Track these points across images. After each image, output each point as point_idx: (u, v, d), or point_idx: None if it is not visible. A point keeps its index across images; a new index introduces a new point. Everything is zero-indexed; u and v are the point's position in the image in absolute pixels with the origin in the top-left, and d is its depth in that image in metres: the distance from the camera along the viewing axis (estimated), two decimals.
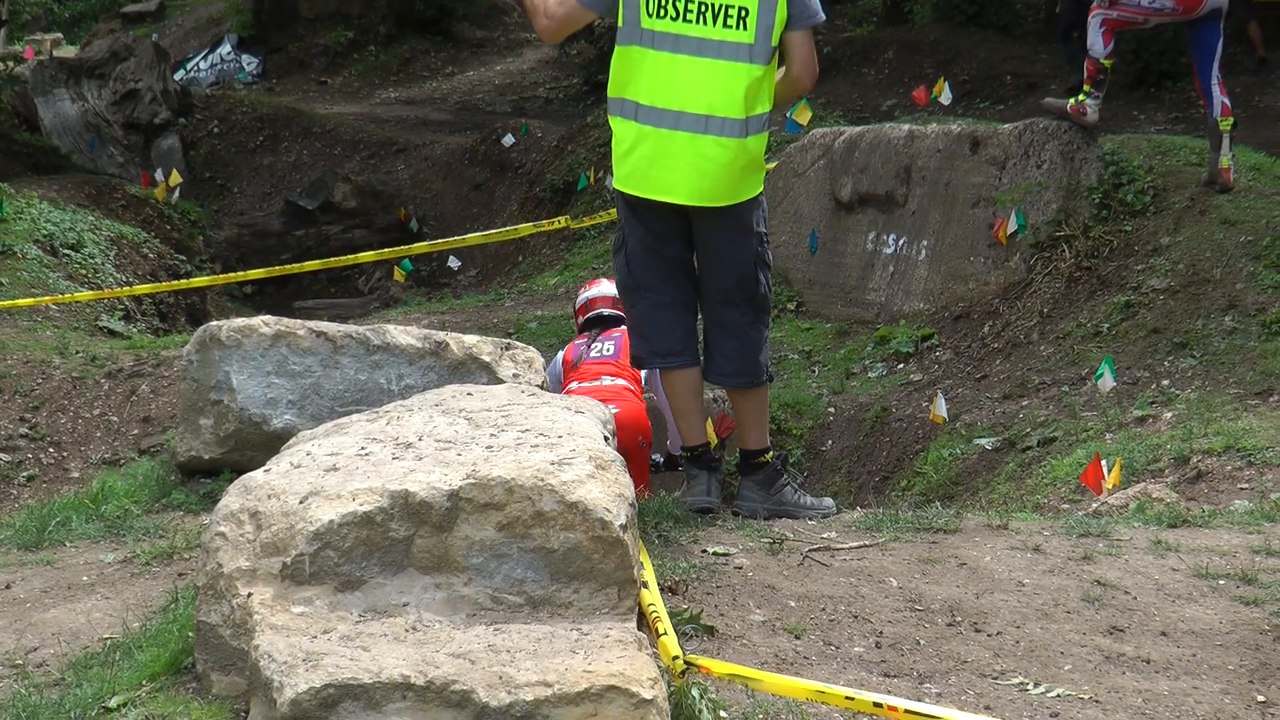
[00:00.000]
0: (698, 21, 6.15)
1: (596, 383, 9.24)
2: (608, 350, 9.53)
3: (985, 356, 11.46)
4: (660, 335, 6.53)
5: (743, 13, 6.14)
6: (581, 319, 10.09)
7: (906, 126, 13.70)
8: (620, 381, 9.27)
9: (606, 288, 10.00)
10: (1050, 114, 12.51)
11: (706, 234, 6.38)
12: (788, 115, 13.77)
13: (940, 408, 10.23)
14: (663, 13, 6.17)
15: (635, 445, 8.85)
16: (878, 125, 14.61)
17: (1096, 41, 11.74)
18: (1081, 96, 12.04)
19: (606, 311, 9.83)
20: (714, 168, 6.18)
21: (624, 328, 8.84)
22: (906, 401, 11.18)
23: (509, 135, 21.78)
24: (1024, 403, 10.33)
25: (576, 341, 9.85)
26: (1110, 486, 7.52)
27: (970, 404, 10.73)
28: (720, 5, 6.14)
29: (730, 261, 6.40)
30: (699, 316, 6.61)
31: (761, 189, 6.44)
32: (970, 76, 21.94)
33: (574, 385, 9.31)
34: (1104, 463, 7.53)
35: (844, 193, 13.57)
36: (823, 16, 6.38)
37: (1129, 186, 11.99)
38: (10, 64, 27.77)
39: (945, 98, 14.32)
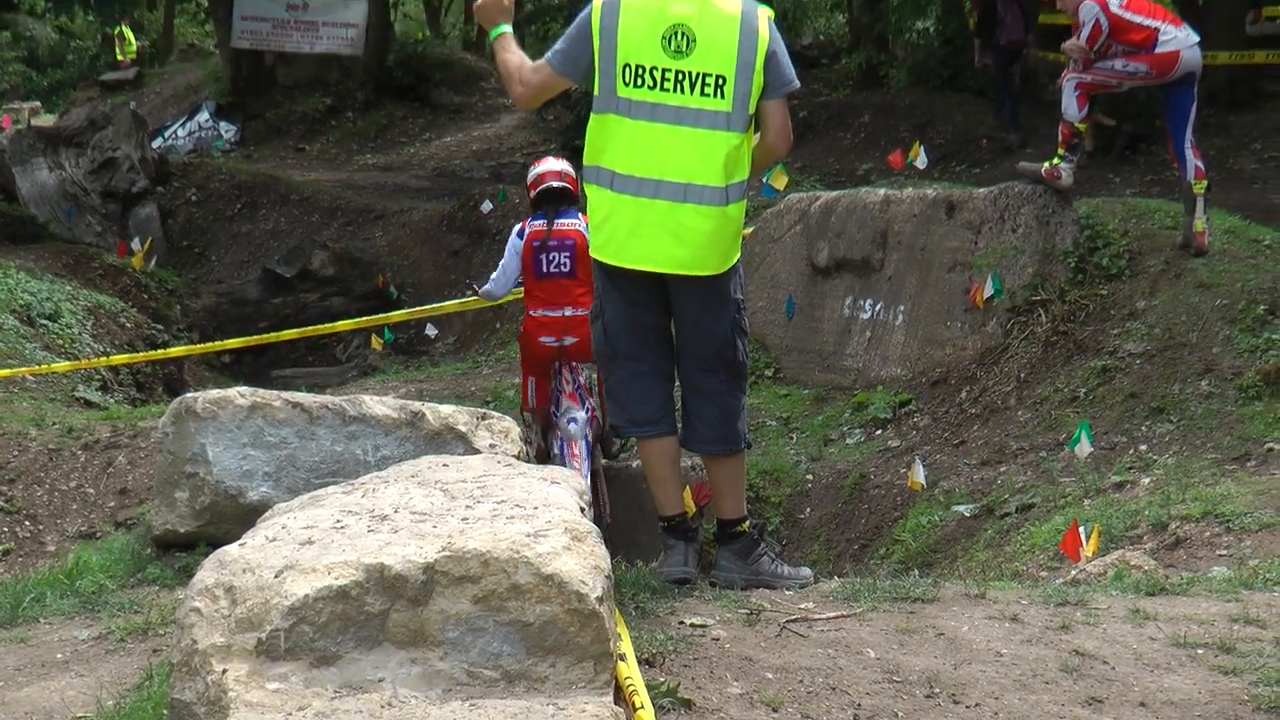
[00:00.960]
0: (675, 90, 6.17)
1: (560, 313, 10.52)
2: (564, 266, 10.59)
3: (963, 422, 11.47)
4: (638, 403, 6.53)
5: (720, 81, 6.17)
6: (533, 194, 10.95)
7: (882, 191, 13.75)
8: (581, 312, 10.21)
9: (553, 163, 11.11)
10: (1025, 178, 12.56)
11: (684, 302, 6.39)
12: (764, 180, 13.84)
13: (918, 474, 10.23)
14: (639, 81, 6.19)
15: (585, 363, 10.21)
16: (854, 190, 14.66)
17: (1071, 105, 11.82)
18: (1056, 160, 12.11)
19: (555, 185, 10.82)
20: (694, 236, 6.19)
21: (575, 227, 10.59)
22: (885, 468, 11.18)
23: (486, 201, 21.80)
24: (1002, 469, 10.34)
25: (536, 232, 10.75)
26: (1089, 554, 7.52)
27: (948, 470, 10.74)
28: (697, 74, 6.16)
29: (708, 329, 6.41)
30: (676, 384, 6.62)
31: (739, 256, 6.46)
32: (946, 140, 22.06)
33: (540, 312, 10.62)
34: (1082, 529, 7.54)
35: (820, 258, 13.60)
36: (798, 84, 6.42)
37: (1104, 250, 12.04)
38: None
39: (921, 162, 14.40)
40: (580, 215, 10.60)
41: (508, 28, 6.67)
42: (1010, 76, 22.44)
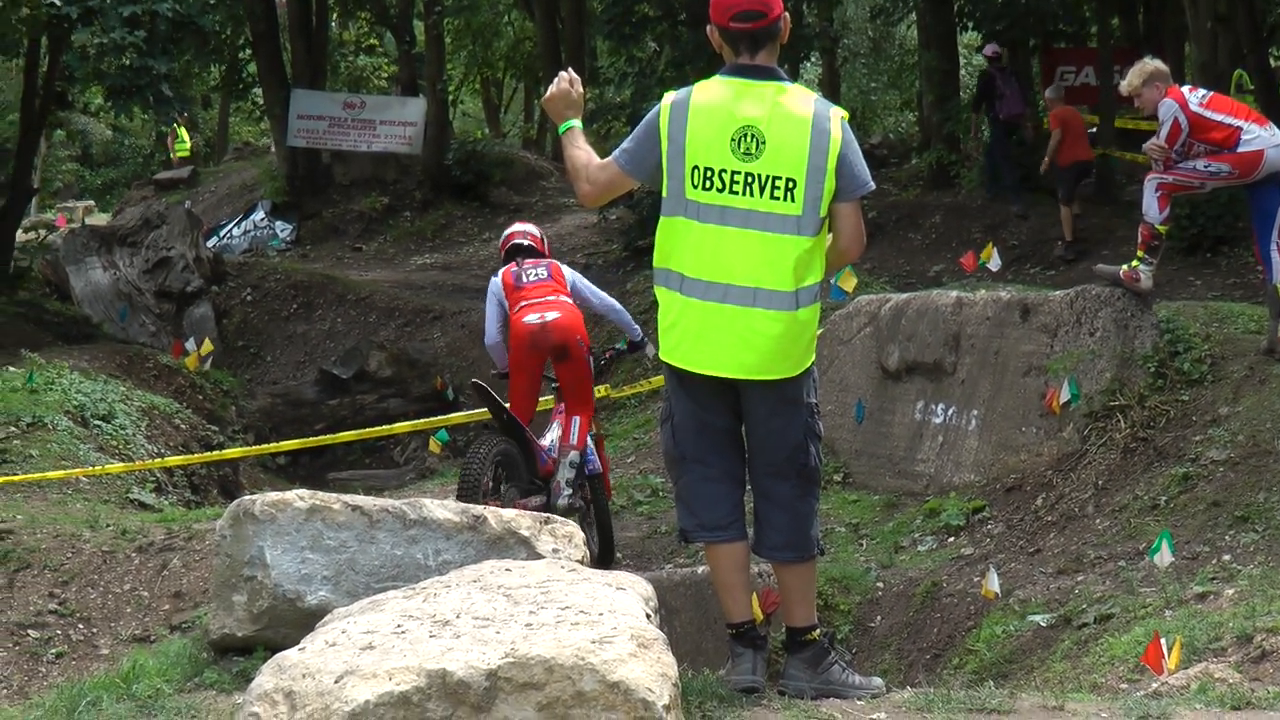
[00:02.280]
0: (744, 193, 6.18)
1: (543, 299, 11.82)
2: (541, 274, 12.04)
3: (1039, 530, 11.42)
4: (706, 509, 6.54)
5: (790, 184, 6.17)
6: (503, 252, 12.57)
7: (954, 293, 13.76)
8: (563, 298, 11.90)
9: (519, 226, 12.80)
10: (1103, 280, 12.55)
11: (755, 407, 6.40)
12: (833, 282, 13.88)
13: (993, 583, 10.18)
14: (708, 184, 6.21)
15: (575, 344, 11.71)
16: (925, 292, 14.69)
17: (1151, 206, 11.82)
18: (1135, 263, 12.10)
19: (523, 242, 12.42)
20: (763, 341, 6.20)
21: (545, 259, 12.30)
22: (958, 576, 11.13)
23: None
24: (1079, 578, 10.28)
25: (509, 268, 12.18)
26: (1171, 666, 7.47)
27: (1024, 579, 10.68)
28: (767, 177, 6.18)
29: (780, 434, 6.41)
30: (747, 488, 6.62)
31: (813, 360, 6.46)
32: (1019, 242, 22.08)
33: (524, 303, 11.82)
34: (1164, 641, 7.49)
35: (891, 361, 13.62)
36: (872, 186, 6.42)
37: (1185, 355, 12.01)
38: (42, 233, 28.25)
39: (994, 264, 14.40)
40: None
41: (577, 122, 6.73)
42: (1009, 149, 23.91)
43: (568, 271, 12.29)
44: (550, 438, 11.98)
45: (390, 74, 44.73)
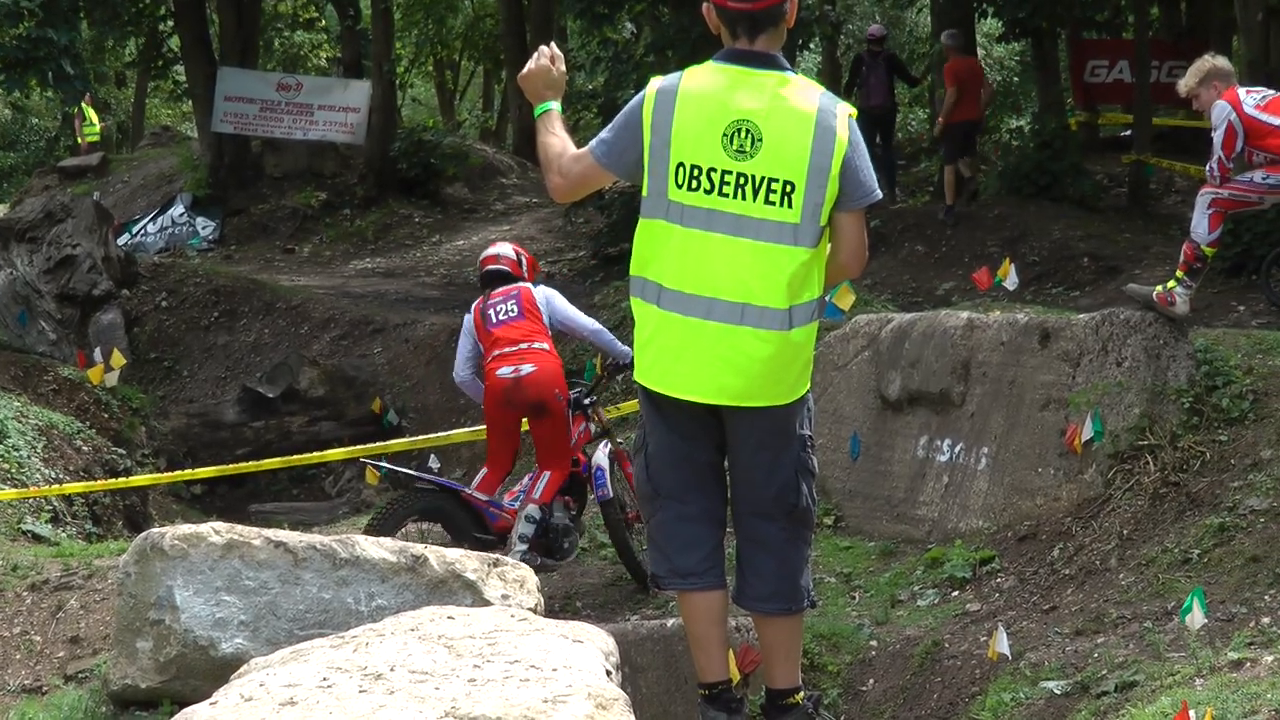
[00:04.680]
0: (735, 196, 6.18)
1: (516, 348, 12.09)
2: (511, 312, 12.30)
3: (1055, 585, 11.45)
4: (681, 552, 6.55)
5: (788, 188, 6.17)
6: (478, 277, 13.00)
7: (965, 314, 13.78)
8: (538, 345, 12.13)
9: (497, 248, 13.01)
10: (1134, 303, 12.58)
11: (740, 438, 6.41)
12: (827, 299, 13.90)
13: (1001, 644, 10.20)
14: (694, 184, 6.20)
15: (552, 399, 12.01)
16: (932, 312, 14.71)
17: (1201, 224, 11.84)
18: (1172, 284, 12.13)
19: (493, 268, 12.71)
20: (751, 364, 6.20)
21: (517, 285, 12.48)
22: (962, 635, 11.16)
23: None
24: (1099, 640, 10.31)
25: (478, 304, 12.57)
26: None
27: (1037, 640, 10.71)
28: (762, 178, 6.17)
29: (768, 470, 6.42)
30: (729, 530, 6.63)
31: (809, 387, 6.47)
32: (1041, 257, 22.15)
33: (496, 353, 12.14)
34: (1193, 713, 7.52)
35: (891, 390, 13.65)
36: (879, 195, 6.43)
37: (1224, 390, 12.05)
38: None
39: (1011, 282, 14.44)
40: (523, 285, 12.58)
41: (555, 105, 6.73)
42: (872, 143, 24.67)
43: (541, 294, 12.55)
44: (516, 489, 12.41)
45: (331, 53, 44.78)
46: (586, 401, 12.74)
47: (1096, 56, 29.23)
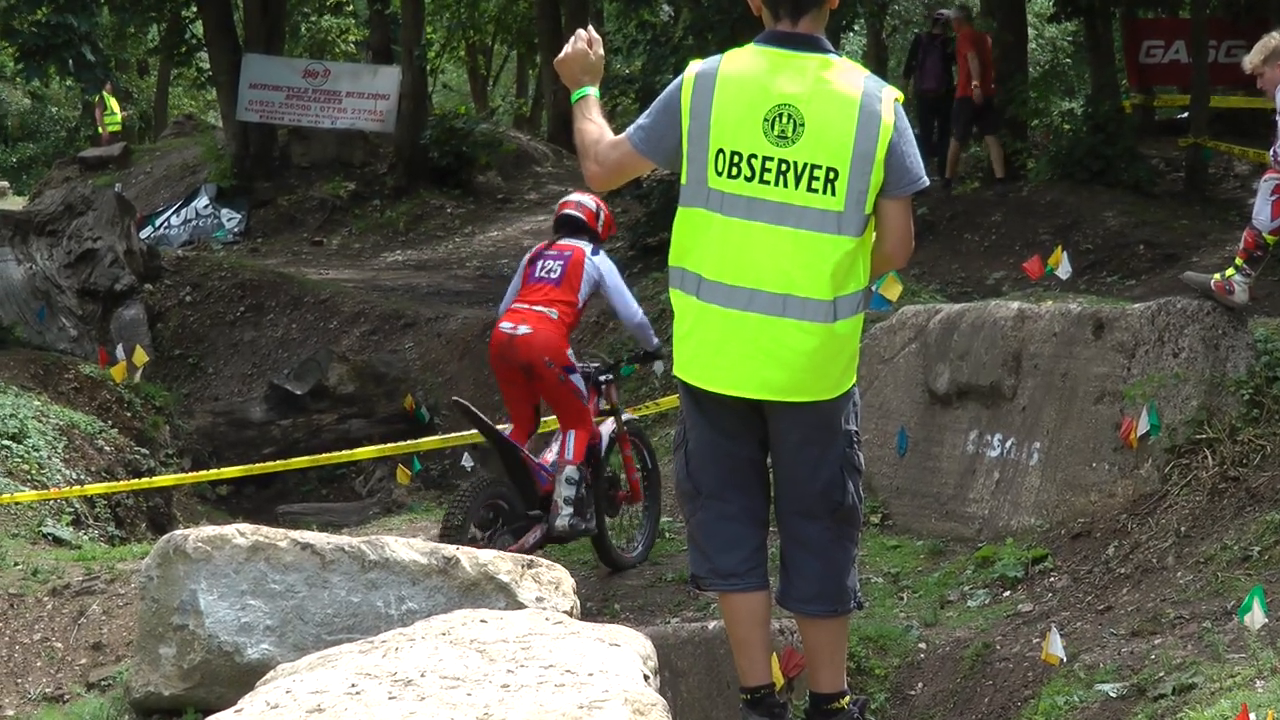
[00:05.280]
0: (776, 183, 6.16)
1: (528, 306, 12.30)
2: (554, 273, 12.42)
3: (1110, 584, 11.43)
4: (721, 552, 6.54)
5: (831, 175, 6.15)
6: (554, 221, 13.09)
7: (1016, 305, 13.75)
8: (547, 311, 12.21)
9: (575, 196, 13.07)
10: (1190, 291, 12.53)
11: (783, 434, 6.39)
12: (874, 289, 13.87)
13: (1055, 645, 10.18)
14: (735, 171, 6.19)
15: (541, 364, 12.08)
16: (981, 303, 14.68)
17: (1264, 210, 11.77)
18: (1231, 271, 12.06)
19: (568, 213, 12.84)
20: (794, 357, 6.18)
21: (574, 245, 12.51)
22: (1014, 637, 11.13)
23: None
24: (1156, 641, 10.28)
25: (536, 250, 12.86)
26: None
27: (1091, 641, 10.68)
28: (804, 165, 6.15)
29: (812, 467, 6.41)
30: (772, 529, 6.62)
31: (855, 381, 6.45)
32: (1094, 245, 22.08)
33: (513, 306, 12.48)
34: (1253, 716, 7.50)
35: (940, 383, 13.62)
36: (926, 182, 6.40)
37: None
38: None
39: (1064, 271, 14.39)
40: (590, 241, 12.68)
41: (593, 90, 6.73)
42: (928, 127, 25.91)
43: (595, 266, 12.60)
44: (550, 455, 12.51)
45: (359, 38, 44.84)
46: (602, 379, 12.90)
47: (1152, 36, 29.12)
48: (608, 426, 12.85)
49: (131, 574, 11.65)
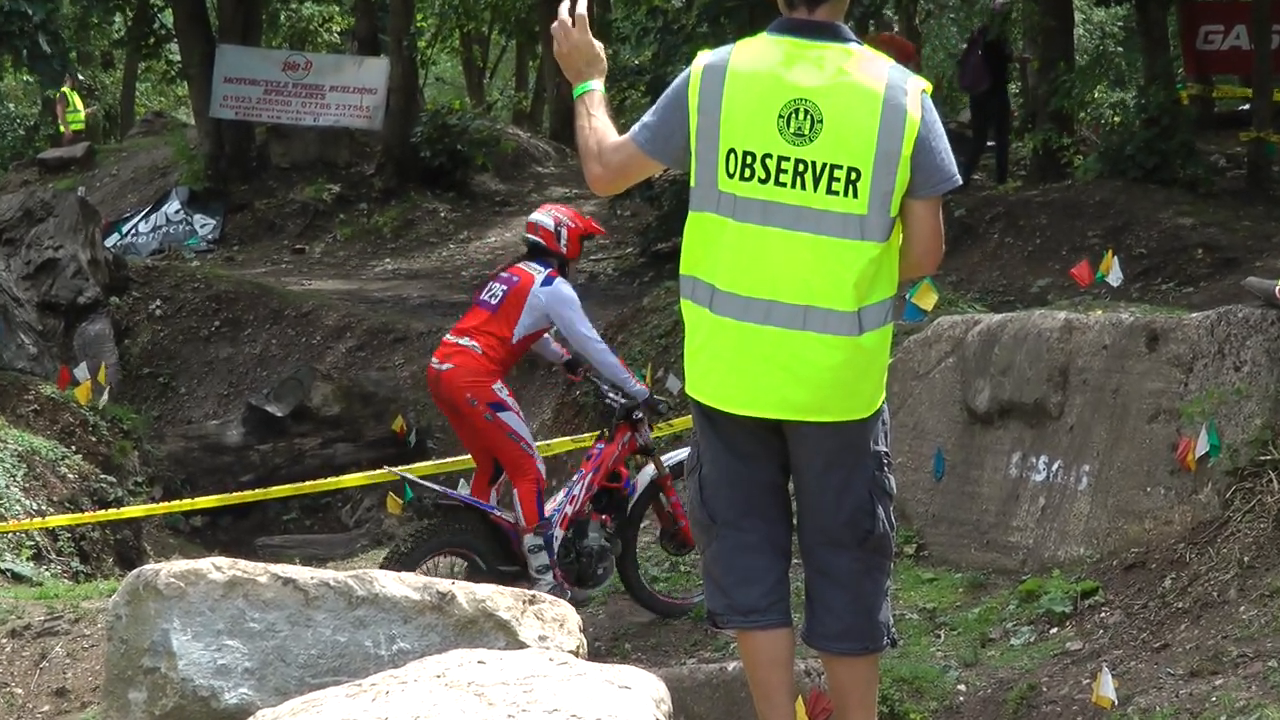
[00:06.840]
0: (794, 185, 6.13)
1: (455, 339, 12.34)
2: (495, 297, 12.42)
3: (1166, 619, 11.43)
4: (740, 586, 6.54)
5: (853, 175, 6.12)
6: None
7: (1063, 314, 13.75)
8: (471, 344, 12.15)
9: (538, 214, 13.14)
10: (1253, 299, 12.54)
11: (806, 457, 6.38)
12: (906, 299, 13.88)
13: (1106, 687, 10.19)
14: (748, 173, 6.16)
15: (464, 403, 12.07)
16: (1025, 313, 14.69)
17: None
18: None
19: (530, 237, 12.92)
20: (817, 373, 6.16)
21: (534, 270, 12.54)
22: (1062, 678, 11.15)
23: None
24: (1217, 681, 10.29)
25: (499, 270, 13.08)
26: None
27: (1147, 682, 10.70)
28: (823, 165, 6.12)
29: (838, 492, 6.40)
30: (795, 561, 6.63)
31: (884, 398, 6.45)
32: (1148, 249, 22.11)
33: (445, 337, 12.64)
34: None
35: (979, 401, 13.63)
36: (958, 181, 6.36)
37: None
38: None
39: (1115, 277, 14.41)
40: (545, 267, 12.63)
41: (597, 84, 6.69)
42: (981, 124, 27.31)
43: (542, 297, 12.49)
44: (511, 516, 12.40)
45: (344, 27, 44.91)
46: (637, 417, 12.77)
47: (1210, 21, 29.11)
48: (646, 474, 12.84)
49: (98, 613, 11.67)
